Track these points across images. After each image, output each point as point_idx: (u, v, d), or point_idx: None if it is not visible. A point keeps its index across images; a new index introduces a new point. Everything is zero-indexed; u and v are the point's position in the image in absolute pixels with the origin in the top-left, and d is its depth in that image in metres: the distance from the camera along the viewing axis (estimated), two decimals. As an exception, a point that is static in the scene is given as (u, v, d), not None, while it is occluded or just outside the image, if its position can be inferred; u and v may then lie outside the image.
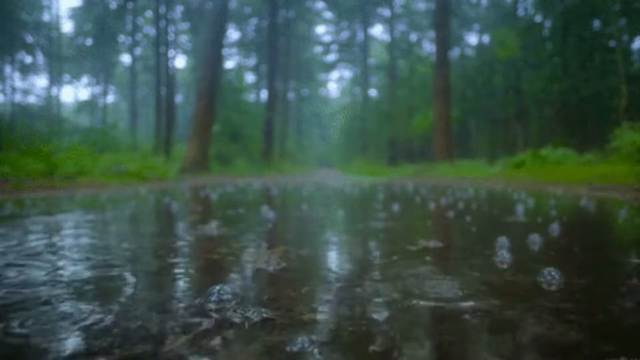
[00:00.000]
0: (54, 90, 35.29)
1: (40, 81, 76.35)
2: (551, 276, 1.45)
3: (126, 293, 1.37)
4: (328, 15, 37.91)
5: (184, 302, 1.25)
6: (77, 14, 33.80)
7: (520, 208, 3.76)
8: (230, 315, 1.13)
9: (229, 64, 36.42)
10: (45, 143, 10.75)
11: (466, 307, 1.20)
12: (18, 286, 1.42)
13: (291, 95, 41.55)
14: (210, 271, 1.75)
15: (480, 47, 31.46)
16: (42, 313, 1.14)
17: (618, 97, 15.74)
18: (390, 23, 33.88)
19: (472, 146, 29.54)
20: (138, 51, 34.50)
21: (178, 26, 32.23)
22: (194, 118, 18.99)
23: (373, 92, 41.99)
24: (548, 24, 22.33)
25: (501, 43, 22.02)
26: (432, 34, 26.06)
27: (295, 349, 0.92)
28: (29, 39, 30.76)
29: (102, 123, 28.71)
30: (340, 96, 61.72)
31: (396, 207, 4.10)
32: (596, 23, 20.15)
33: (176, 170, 15.34)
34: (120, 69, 41.62)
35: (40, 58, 32.28)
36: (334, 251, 2.14)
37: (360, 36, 38.85)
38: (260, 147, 26.33)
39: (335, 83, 74.73)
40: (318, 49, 43.28)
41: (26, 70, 31.79)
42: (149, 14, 31.28)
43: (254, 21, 34.80)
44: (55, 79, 35.00)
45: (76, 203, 4.91)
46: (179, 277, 1.59)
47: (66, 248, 2.14)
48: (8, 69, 30.48)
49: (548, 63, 21.88)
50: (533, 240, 2.20)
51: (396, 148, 31.16)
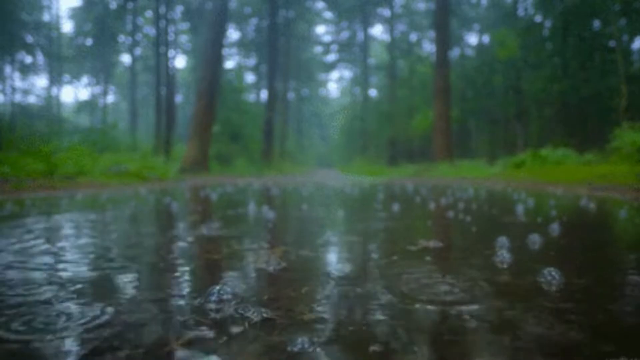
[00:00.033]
0: (54, 90, 35.35)
1: (40, 81, 76.43)
2: (551, 276, 1.45)
3: (126, 293, 1.37)
4: (328, 15, 37.95)
5: (184, 302, 1.25)
6: (77, 14, 33.81)
7: (520, 208, 3.76)
8: (230, 315, 1.13)
9: (229, 64, 36.48)
10: (45, 143, 10.76)
11: (466, 307, 1.20)
12: (18, 286, 1.42)
13: (291, 95, 41.55)
14: (210, 271, 1.75)
15: (480, 47, 31.47)
16: (42, 313, 1.14)
17: (618, 97, 15.75)
18: (390, 23, 33.89)
19: (472, 146, 29.54)
20: (138, 51, 34.52)
21: (178, 26, 32.24)
22: (194, 118, 18.99)
23: (373, 92, 42.03)
24: (548, 24, 22.33)
25: (501, 43, 22.02)
26: (432, 34, 26.07)
27: (295, 349, 0.92)
28: (29, 39, 30.76)
29: (102, 123, 28.71)
30: (340, 96, 61.73)
31: (396, 207, 4.10)
32: (596, 23, 20.15)
33: (176, 170, 15.35)
34: (120, 69, 41.63)
35: (40, 58, 32.30)
36: (334, 251, 2.14)
37: (360, 36, 38.87)
38: (260, 147, 26.33)
39: (335, 83, 74.83)
40: (318, 49, 43.32)
41: (26, 70, 31.80)
42: (149, 14, 31.29)
43: (254, 21, 34.81)
44: (55, 79, 35.02)
45: (76, 203, 4.91)
46: (179, 277, 1.59)
47: (66, 248, 2.14)
48: (8, 69, 30.49)
49: (548, 63, 21.87)
50: (533, 240, 2.20)
51: (396, 148, 31.15)
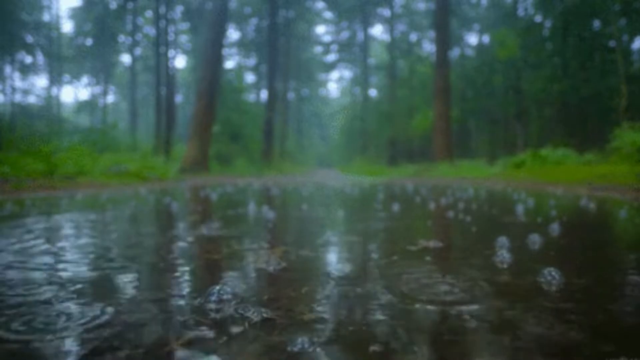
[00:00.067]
0: (54, 90, 35.35)
1: (40, 81, 76.43)
2: (551, 276, 1.45)
3: (126, 293, 1.37)
4: (328, 15, 37.95)
5: (184, 302, 1.25)
6: (77, 14, 33.81)
7: (520, 208, 3.76)
8: (230, 315, 1.13)
9: (229, 64, 36.48)
10: (45, 143, 10.76)
11: (466, 307, 1.20)
12: (18, 286, 1.42)
13: (291, 95, 41.55)
14: (210, 271, 1.75)
15: (480, 47, 31.47)
16: (42, 313, 1.14)
17: (618, 97, 15.74)
18: (390, 23, 33.88)
19: (472, 146, 29.54)
20: (138, 51, 34.52)
21: (178, 26, 32.24)
22: (194, 118, 18.99)
23: (373, 92, 42.03)
24: (548, 24, 22.33)
25: (501, 43, 22.02)
26: (432, 34, 26.07)
27: (295, 349, 0.92)
28: (29, 39, 30.76)
29: (102, 123, 28.71)
30: (340, 96, 61.72)
31: (396, 207, 4.10)
32: (596, 23, 20.15)
33: (176, 170, 15.34)
34: (120, 69, 41.63)
35: (40, 58, 32.30)
36: (334, 251, 2.14)
37: (360, 36, 38.86)
38: (260, 147, 26.33)
39: (335, 83, 74.82)
40: (318, 49, 43.33)
41: (26, 70, 31.79)
42: (149, 14, 31.29)
43: (254, 21, 34.81)
44: (55, 79, 35.01)
45: (76, 203, 4.91)
46: (179, 277, 1.59)
47: (66, 248, 2.14)
48: (8, 69, 30.49)
49: (548, 63, 21.87)
50: (533, 240, 2.20)
51: (396, 148, 31.15)
